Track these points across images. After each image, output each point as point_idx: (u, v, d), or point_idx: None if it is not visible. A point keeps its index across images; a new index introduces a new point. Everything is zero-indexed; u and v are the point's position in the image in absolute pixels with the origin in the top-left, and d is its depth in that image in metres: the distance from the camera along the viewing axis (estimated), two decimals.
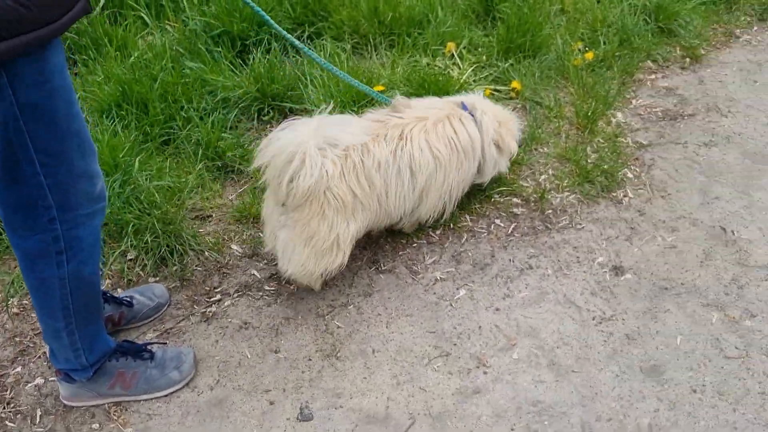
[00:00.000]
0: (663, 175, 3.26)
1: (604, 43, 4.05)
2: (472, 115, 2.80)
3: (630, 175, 3.27)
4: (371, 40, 4.00)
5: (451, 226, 2.98)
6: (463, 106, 2.83)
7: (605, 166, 3.25)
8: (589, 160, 3.29)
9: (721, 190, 3.17)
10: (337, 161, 2.37)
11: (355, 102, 3.39)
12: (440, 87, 3.49)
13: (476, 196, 3.09)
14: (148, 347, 2.39)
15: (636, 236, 2.94)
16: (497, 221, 3.02)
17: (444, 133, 2.67)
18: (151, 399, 2.33)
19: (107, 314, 2.47)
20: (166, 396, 2.35)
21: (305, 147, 2.27)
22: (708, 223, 3.00)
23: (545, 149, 3.39)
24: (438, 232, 2.97)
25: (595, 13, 4.24)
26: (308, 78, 3.58)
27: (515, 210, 3.07)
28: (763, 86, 3.92)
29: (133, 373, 2.32)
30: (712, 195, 3.14)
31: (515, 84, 3.70)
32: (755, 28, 4.54)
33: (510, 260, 2.83)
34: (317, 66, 3.67)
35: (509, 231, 2.97)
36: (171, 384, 2.36)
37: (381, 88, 3.47)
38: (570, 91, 3.79)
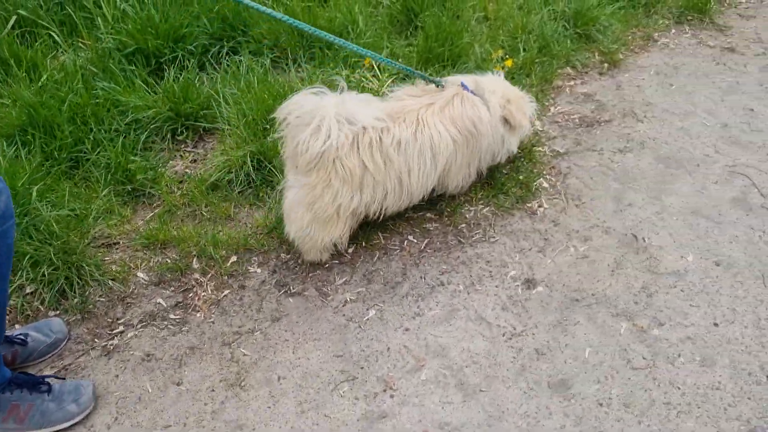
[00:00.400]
0: (578, 184, 3.27)
1: (524, 50, 4.05)
2: (474, 93, 2.87)
3: (546, 184, 3.26)
4: (291, 53, 3.95)
5: (364, 244, 2.94)
6: (464, 87, 2.87)
7: (521, 177, 3.24)
8: (504, 171, 3.27)
9: (634, 197, 3.18)
10: (350, 134, 2.46)
11: (266, 120, 3.31)
12: None
13: None
14: (46, 380, 2.31)
15: (549, 247, 2.93)
16: (410, 237, 2.98)
17: (450, 116, 2.77)
18: None
19: None
20: (62, 430, 2.26)
21: (325, 114, 2.41)
22: (620, 230, 3.00)
23: None
24: (350, 250, 2.92)
25: (516, 20, 4.24)
26: (221, 96, 3.51)
27: (428, 225, 3.04)
28: (679, 90, 3.96)
29: (28, 406, 2.23)
30: (625, 202, 3.15)
31: None
32: (673, 30, 4.60)
33: (421, 277, 2.80)
34: (231, 83, 3.61)
35: (422, 247, 2.94)
36: (68, 417, 2.28)
37: None
38: None
